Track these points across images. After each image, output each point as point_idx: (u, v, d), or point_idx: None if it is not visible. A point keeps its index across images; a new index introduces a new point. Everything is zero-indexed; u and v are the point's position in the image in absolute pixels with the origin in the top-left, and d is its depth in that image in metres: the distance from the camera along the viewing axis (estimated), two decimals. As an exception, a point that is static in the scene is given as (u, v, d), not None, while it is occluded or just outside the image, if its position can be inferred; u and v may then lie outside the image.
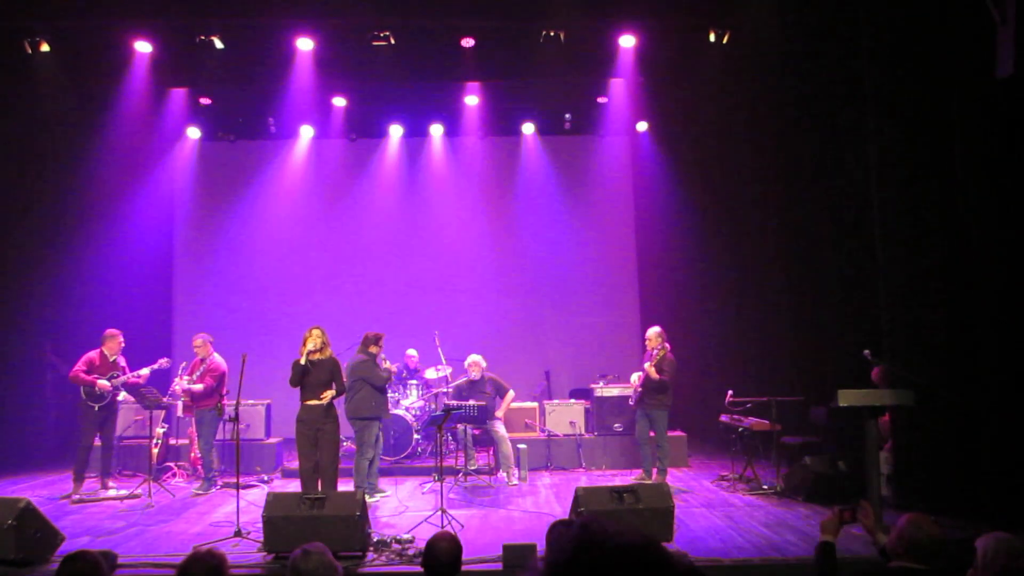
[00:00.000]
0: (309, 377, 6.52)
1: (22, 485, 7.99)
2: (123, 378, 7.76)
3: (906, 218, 6.56)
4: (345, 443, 8.10)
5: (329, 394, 6.53)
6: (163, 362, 7.89)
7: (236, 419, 6.48)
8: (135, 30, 8.56)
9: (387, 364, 7.51)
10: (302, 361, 6.47)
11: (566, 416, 9.06)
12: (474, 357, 8.46)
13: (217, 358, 8.00)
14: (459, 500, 7.20)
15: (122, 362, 7.90)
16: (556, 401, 9.33)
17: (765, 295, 9.61)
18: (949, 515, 5.47)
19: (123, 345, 7.87)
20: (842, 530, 3.40)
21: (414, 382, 9.38)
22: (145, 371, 7.81)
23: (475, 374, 8.37)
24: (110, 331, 7.86)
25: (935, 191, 6.41)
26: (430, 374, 9.60)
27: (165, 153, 11.55)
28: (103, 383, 7.66)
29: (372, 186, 11.81)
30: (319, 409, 6.52)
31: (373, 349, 7.39)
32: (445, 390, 8.82)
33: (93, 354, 7.76)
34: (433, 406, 9.14)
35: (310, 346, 6.48)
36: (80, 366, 7.65)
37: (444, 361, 8.82)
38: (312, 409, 6.52)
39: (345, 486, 6.90)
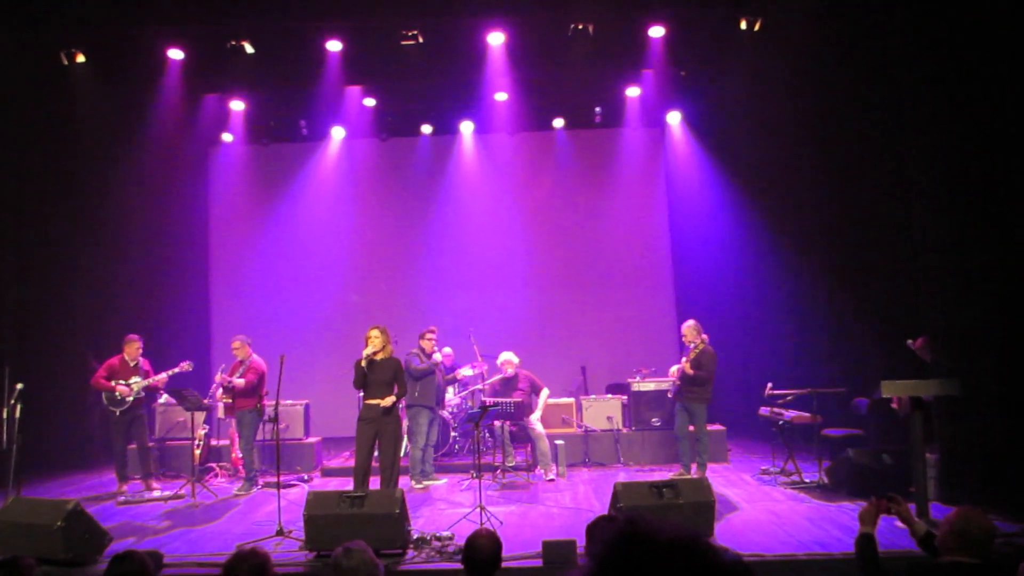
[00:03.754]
0: (370, 377, 6.57)
1: (70, 488, 8.17)
2: (143, 382, 7.88)
3: (952, 204, 6.42)
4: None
5: (390, 399, 6.55)
6: (184, 366, 7.93)
7: (276, 419, 6.56)
8: (167, 37, 8.69)
9: (436, 356, 7.86)
10: (362, 363, 6.51)
11: (603, 411, 9.04)
12: (507, 355, 8.51)
13: (256, 358, 8.11)
14: (497, 497, 7.20)
15: (145, 366, 8.02)
16: (593, 396, 9.32)
17: (805, 285, 9.47)
18: (998, 509, 5.37)
19: (142, 349, 7.99)
20: (880, 521, 3.35)
21: (451, 378, 9.41)
22: (163, 376, 7.92)
23: (509, 371, 8.42)
24: (130, 336, 7.99)
25: (978, 176, 6.25)
26: (465, 372, 9.60)
27: (200, 159, 11.69)
28: (122, 387, 7.78)
29: (404, 185, 11.84)
30: (379, 408, 6.56)
31: (423, 343, 7.89)
32: (480, 387, 8.86)
33: (114, 359, 7.87)
34: (470, 403, 9.20)
35: (368, 348, 6.53)
36: (101, 372, 7.81)
37: (480, 359, 8.83)
38: (373, 408, 6.56)
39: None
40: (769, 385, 7.73)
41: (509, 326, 11.07)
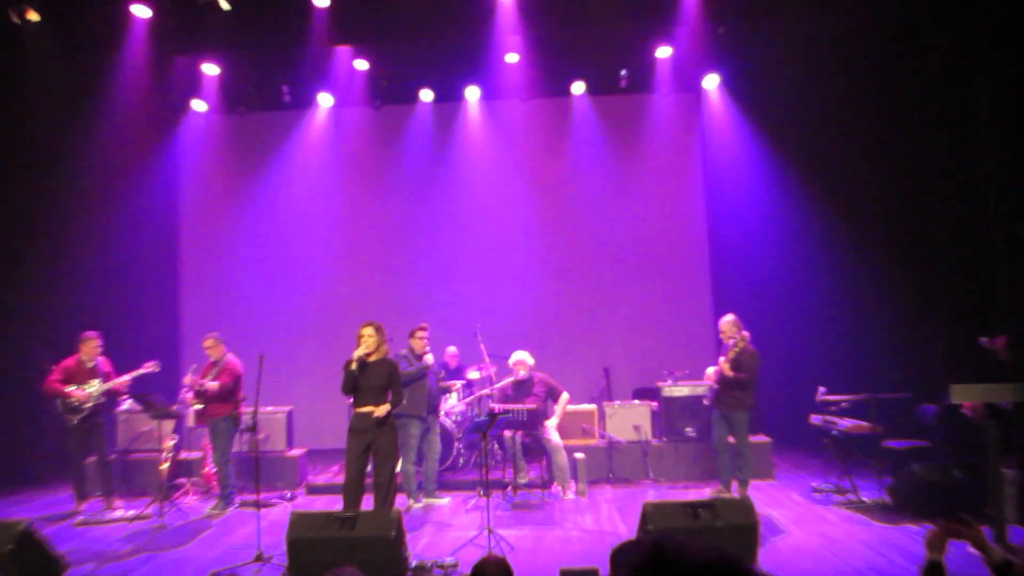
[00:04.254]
0: (362, 381, 6.54)
1: (20, 507, 8.20)
2: (103, 386, 7.90)
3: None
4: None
5: (384, 408, 6.48)
6: (150, 367, 7.94)
7: (254, 428, 6.55)
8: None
9: (427, 357, 7.81)
10: (353, 365, 6.50)
11: (629, 419, 9.04)
12: (520, 354, 8.49)
13: (232, 358, 8.13)
14: (508, 518, 7.21)
15: (104, 367, 8.03)
16: (617, 403, 9.28)
17: (862, 273, 9.42)
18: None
19: (101, 348, 8.02)
20: (949, 548, 3.31)
21: (457, 383, 9.46)
22: (126, 377, 7.94)
23: (522, 373, 8.41)
24: (86, 333, 8.00)
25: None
26: (472, 375, 9.63)
27: (169, 130, 11.68)
28: (79, 392, 7.80)
29: (401, 160, 11.83)
30: (372, 416, 6.51)
31: (412, 343, 7.85)
32: (489, 392, 8.87)
33: (69, 361, 7.87)
34: (476, 411, 9.21)
35: (360, 348, 6.49)
36: (54, 375, 7.81)
37: (488, 360, 8.82)
38: (364, 417, 6.50)
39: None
40: (821, 389, 7.66)
41: (522, 322, 11.07)
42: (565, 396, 8.49)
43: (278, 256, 11.88)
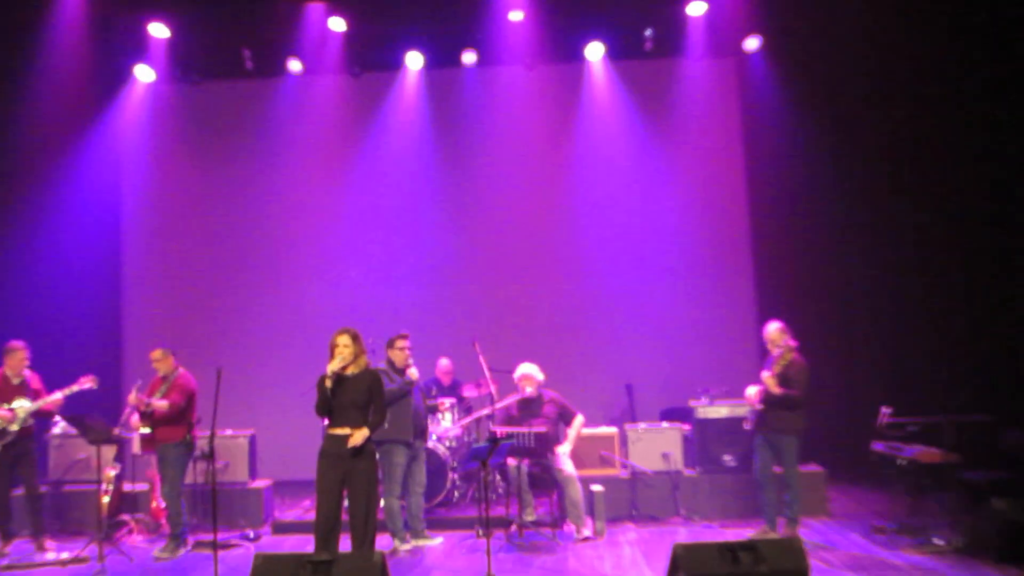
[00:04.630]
0: (339, 398, 6.48)
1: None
2: (31, 406, 7.92)
3: None
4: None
5: (360, 435, 6.37)
6: (87, 383, 7.95)
7: (211, 455, 6.57)
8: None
9: (411, 371, 7.79)
10: (327, 382, 6.44)
11: (657, 446, 9.04)
12: (527, 368, 8.50)
13: (184, 373, 8.15)
14: (512, 562, 7.20)
15: (33, 384, 8.05)
16: (642, 426, 9.28)
17: (934, 272, 9.42)
18: None
19: (28, 361, 8.05)
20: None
21: (446, 403, 9.43)
22: (57, 396, 7.95)
23: (529, 390, 8.40)
24: (11, 344, 8.03)
25: None
26: (469, 392, 9.70)
27: (108, 103, 11.64)
28: (2, 412, 7.83)
29: (384, 138, 11.82)
30: (349, 440, 6.43)
31: (392, 355, 7.83)
32: (489, 413, 8.79)
33: None
34: (475, 435, 9.21)
35: (335, 361, 6.47)
36: None
37: (488, 374, 8.81)
38: (340, 440, 6.42)
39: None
40: (885, 411, 7.63)
41: (528, 330, 11.13)
42: (580, 419, 8.50)
43: (239, 252, 11.88)
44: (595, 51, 11.42)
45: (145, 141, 11.94)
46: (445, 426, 9.30)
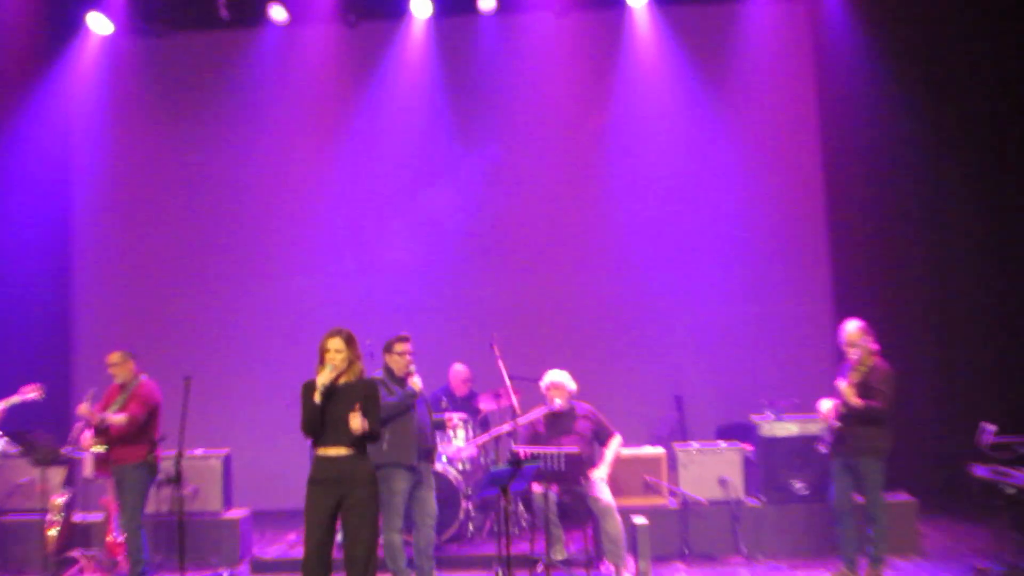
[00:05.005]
0: (330, 413, 6.39)
1: None
2: None
3: None
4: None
5: (358, 419, 6.25)
6: (30, 391, 8.00)
7: (177, 480, 6.62)
8: None
9: (414, 381, 7.72)
10: (316, 396, 6.32)
11: (712, 470, 9.03)
12: (556, 375, 8.47)
13: (146, 382, 8.13)
14: (539, 610, 7.19)
15: None
16: (695, 446, 9.26)
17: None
18: None
19: None
20: None
21: (457, 418, 9.34)
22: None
23: (559, 403, 8.37)
24: None
25: None
26: (487, 405, 9.69)
27: (56, 60, 11.65)
28: None
29: (384, 99, 11.83)
30: (344, 463, 6.39)
31: (391, 361, 7.77)
32: (510, 430, 8.72)
33: None
34: (493, 456, 9.16)
35: (326, 370, 6.44)
36: None
37: (508, 383, 8.77)
38: (332, 463, 6.36)
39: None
40: (988, 428, 7.58)
41: (557, 330, 11.18)
42: (618, 438, 8.49)
43: (211, 236, 11.92)
44: (638, -7, 11.46)
45: (100, 106, 11.96)
46: (457, 445, 9.28)
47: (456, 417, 9.13)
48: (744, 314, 11.46)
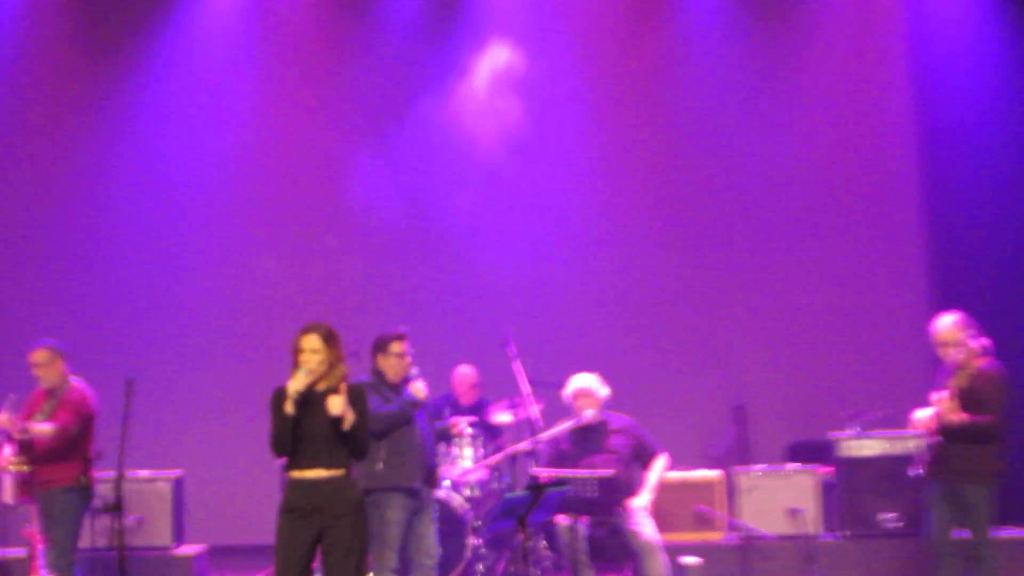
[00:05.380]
0: (306, 428, 6.34)
1: None
2: None
3: None
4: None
5: (340, 402, 6.20)
6: None
7: (117, 508, 6.55)
8: None
9: (416, 387, 7.67)
10: (288, 407, 6.22)
11: (781, 498, 9.15)
12: (585, 380, 8.47)
13: (78, 386, 8.09)
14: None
15: None
16: (759, 470, 9.41)
17: None
18: None
19: None
20: None
21: (465, 423, 9.17)
22: None
23: (589, 414, 8.33)
24: None
25: None
26: (501, 417, 9.64)
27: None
28: None
29: (371, 55, 11.88)
30: (325, 488, 6.36)
31: (384, 364, 7.75)
32: (529, 448, 8.82)
33: None
34: (509, 480, 9.13)
35: (300, 374, 6.27)
36: None
37: (527, 389, 8.71)
38: (310, 488, 6.33)
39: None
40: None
41: (589, 323, 11.26)
42: (663, 459, 8.49)
43: (155, 217, 11.90)
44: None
45: (10, 63, 11.95)
46: (464, 466, 9.22)
47: (464, 422, 8.98)
48: (822, 307, 11.55)
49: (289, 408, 6.14)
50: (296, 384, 6.16)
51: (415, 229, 11.67)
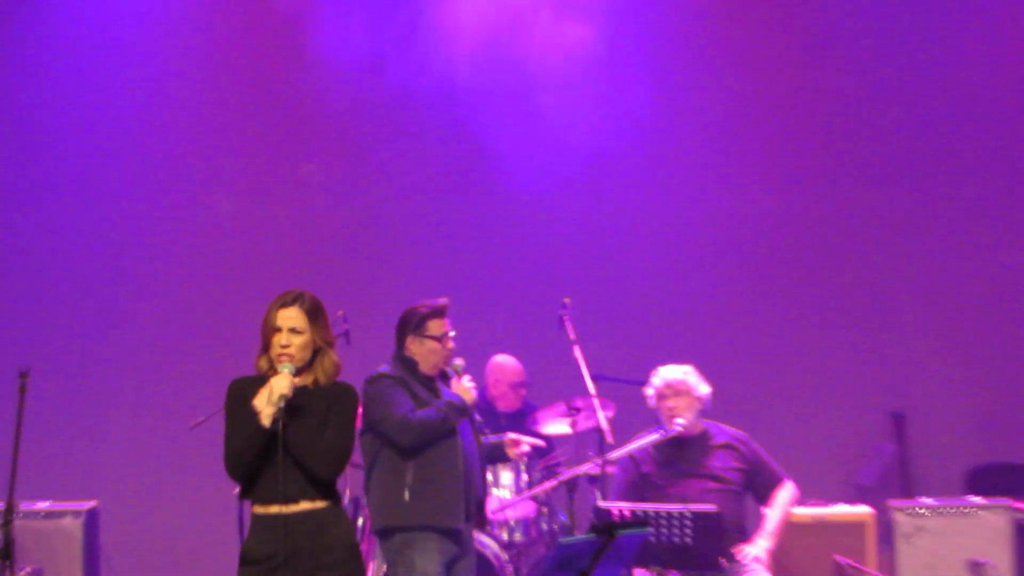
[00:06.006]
0: (279, 444, 6.16)
1: None
2: None
3: None
4: None
5: (281, 380, 6.04)
6: None
7: (7, 553, 6.37)
8: None
9: (462, 385, 7.60)
10: (263, 417, 5.98)
11: (957, 544, 9.11)
12: (674, 374, 8.44)
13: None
14: None
15: None
16: (926, 506, 9.39)
17: None
18: None
19: None
20: None
21: (497, 445, 9.05)
22: None
23: (682, 422, 8.27)
24: None
25: None
26: (555, 428, 9.61)
27: None
28: None
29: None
30: (303, 526, 6.17)
31: (416, 349, 7.74)
32: (592, 474, 8.70)
33: None
34: (566, 517, 8.95)
35: (284, 371, 6.05)
36: None
37: (592, 387, 8.51)
38: (281, 528, 6.14)
39: None
40: None
41: (680, 297, 11.44)
42: (788, 489, 8.43)
43: (64, 144, 12.16)
44: None
45: None
46: (500, 497, 9.13)
47: (526, 441, 8.71)
48: (1009, 281, 11.70)
49: (266, 419, 5.95)
50: (281, 386, 5.95)
51: (443, 183, 11.86)
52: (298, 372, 6.06)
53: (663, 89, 11.87)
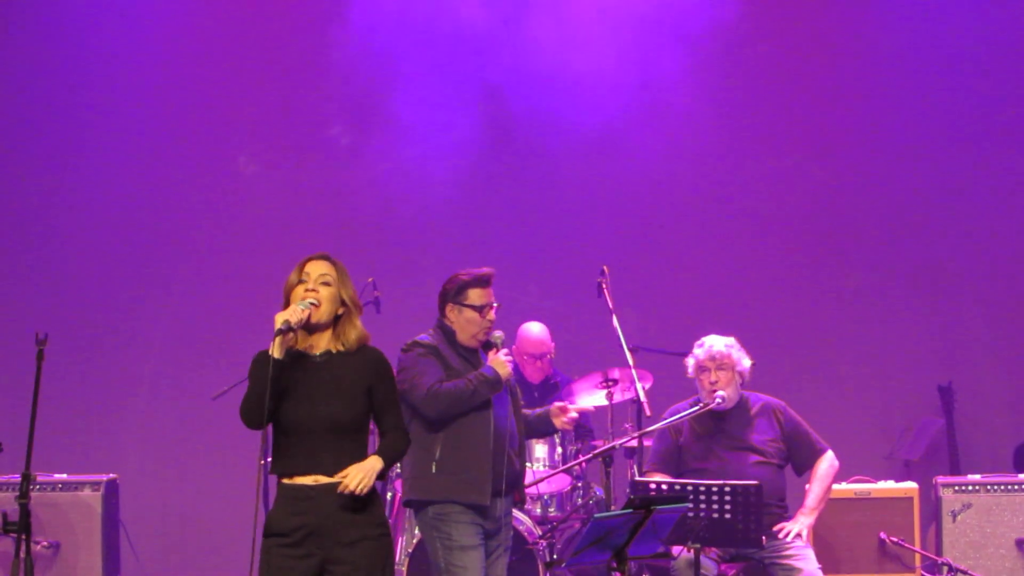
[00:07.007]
0: (300, 398, 6.08)
1: None
2: None
3: None
4: None
5: (359, 472, 5.97)
6: None
7: (23, 525, 6.18)
8: None
9: (498, 356, 7.51)
10: (274, 348, 5.90)
11: (1005, 522, 9.15)
12: (715, 344, 8.36)
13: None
14: None
15: None
16: (973, 482, 9.34)
17: None
18: None
19: None
20: None
21: (544, 416, 8.93)
22: None
23: (722, 395, 8.19)
24: None
25: None
26: (590, 400, 9.54)
27: None
28: None
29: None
30: (329, 500, 6.07)
31: (456, 318, 7.64)
32: (633, 444, 8.81)
33: None
34: (602, 492, 8.78)
35: (297, 308, 6.00)
36: None
37: (629, 357, 8.53)
38: (309, 501, 6.08)
39: None
40: None
41: (720, 262, 11.54)
42: (829, 460, 8.37)
43: (79, 117, 12.26)
44: None
45: None
46: (534, 471, 9.08)
47: (574, 409, 8.61)
48: None
49: (276, 350, 5.84)
50: (292, 313, 5.88)
51: (456, 131, 11.69)
52: (315, 330, 6.03)
53: (705, 52, 11.70)
